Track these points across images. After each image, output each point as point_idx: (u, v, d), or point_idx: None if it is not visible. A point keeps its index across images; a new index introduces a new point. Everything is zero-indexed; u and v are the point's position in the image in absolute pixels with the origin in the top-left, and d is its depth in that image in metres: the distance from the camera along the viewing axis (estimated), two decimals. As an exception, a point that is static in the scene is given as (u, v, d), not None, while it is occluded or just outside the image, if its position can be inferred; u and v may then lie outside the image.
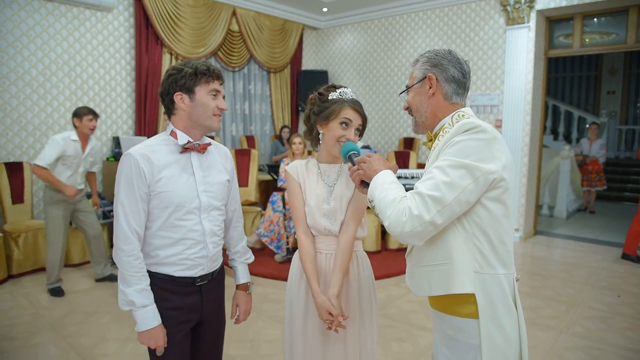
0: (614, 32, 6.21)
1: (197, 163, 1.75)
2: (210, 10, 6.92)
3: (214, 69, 1.70)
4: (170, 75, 1.69)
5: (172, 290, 1.71)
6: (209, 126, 1.72)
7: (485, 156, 1.26)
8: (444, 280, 1.34)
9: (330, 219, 1.87)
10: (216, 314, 1.90)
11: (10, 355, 3.14)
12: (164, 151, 1.69)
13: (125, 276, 1.62)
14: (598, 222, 7.77)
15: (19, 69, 5.20)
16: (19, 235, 4.72)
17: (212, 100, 1.69)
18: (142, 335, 1.64)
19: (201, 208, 1.72)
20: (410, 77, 1.54)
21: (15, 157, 5.24)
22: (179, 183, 1.68)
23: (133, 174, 1.61)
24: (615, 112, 12.00)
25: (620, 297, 4.32)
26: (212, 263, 1.80)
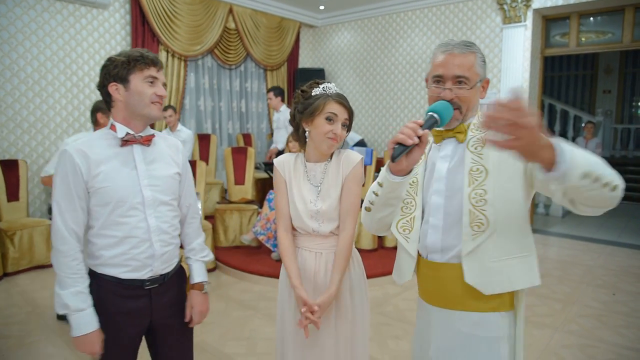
0: (609, 31, 6.23)
1: (141, 156, 1.66)
2: (206, 8, 6.90)
3: (148, 55, 1.62)
4: (103, 66, 1.62)
5: (118, 293, 1.64)
6: (147, 115, 1.64)
7: None
8: (529, 271, 1.34)
9: (318, 220, 1.84)
10: (174, 318, 1.80)
11: (6, 354, 3.13)
12: (102, 145, 1.62)
13: (61, 278, 1.56)
14: (594, 220, 7.79)
15: (13, 66, 5.17)
16: (14, 233, 4.70)
17: (148, 88, 1.61)
18: (76, 340, 1.56)
19: (145, 203, 1.64)
20: (467, 68, 1.38)
21: (11, 155, 5.21)
22: (119, 178, 1.60)
23: (68, 170, 1.55)
24: (611, 111, 12.04)
25: (615, 295, 4.34)
26: (163, 264, 1.70)
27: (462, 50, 1.39)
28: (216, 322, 3.61)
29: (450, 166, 1.43)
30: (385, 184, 1.35)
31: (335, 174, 1.84)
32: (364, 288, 1.94)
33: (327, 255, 1.86)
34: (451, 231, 1.40)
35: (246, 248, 5.20)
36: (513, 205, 1.34)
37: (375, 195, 1.42)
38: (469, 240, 1.36)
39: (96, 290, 1.64)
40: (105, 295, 1.63)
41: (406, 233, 1.49)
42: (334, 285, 1.79)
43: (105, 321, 1.63)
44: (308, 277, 1.86)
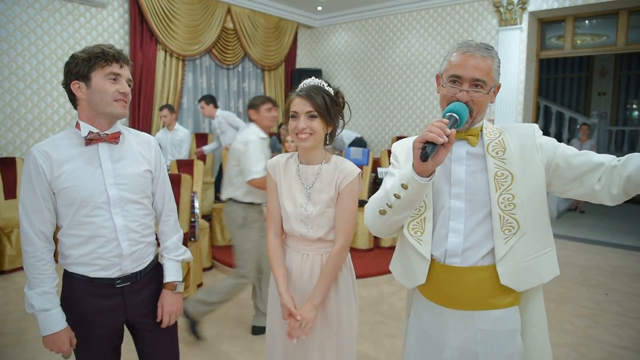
0: (604, 34, 6.29)
1: (107, 155, 1.63)
2: (205, 8, 6.92)
3: (109, 51, 1.57)
4: (66, 64, 1.60)
5: (90, 292, 1.63)
6: (110, 113, 1.60)
7: None
8: (553, 264, 1.47)
9: (307, 225, 1.82)
10: (152, 317, 1.78)
11: (3, 351, 3.14)
12: (66, 145, 1.59)
13: (29, 278, 1.57)
14: (588, 221, 7.86)
15: (12, 64, 5.18)
16: (12, 231, 4.71)
17: (110, 85, 1.57)
18: (45, 340, 1.57)
19: (110, 202, 1.61)
20: (486, 72, 1.39)
21: (8, 153, 5.22)
22: (83, 177, 1.57)
23: (32, 172, 1.54)
24: (606, 113, 12.12)
25: (608, 295, 4.39)
26: (133, 263, 1.67)
27: (482, 53, 1.39)
28: (213, 320, 3.63)
29: (468, 170, 1.44)
30: (411, 185, 1.32)
31: (329, 180, 1.80)
32: (352, 293, 1.91)
33: (314, 257, 1.85)
34: (473, 235, 1.41)
35: (243, 247, 5.21)
36: (539, 207, 1.43)
37: (396, 198, 1.37)
38: (502, 244, 1.38)
39: (69, 288, 1.65)
40: (78, 293, 1.63)
41: (418, 235, 1.46)
42: (317, 299, 1.76)
43: (78, 319, 1.63)
44: (293, 276, 1.86)
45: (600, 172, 1.35)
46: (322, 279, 1.79)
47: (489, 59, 1.39)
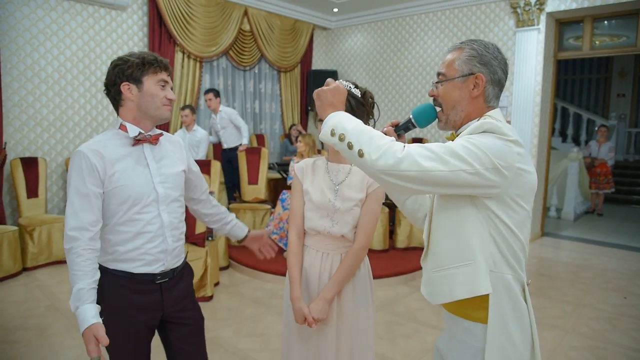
0: (624, 34, 6.21)
1: (151, 155, 1.72)
2: (222, 10, 7.00)
3: (162, 60, 1.68)
4: (116, 65, 1.65)
5: (131, 288, 1.68)
6: (159, 116, 1.70)
7: (505, 159, 1.21)
8: (469, 281, 1.28)
9: (333, 220, 1.84)
10: (183, 311, 1.85)
11: (26, 345, 3.22)
12: (115, 145, 1.66)
13: (70, 274, 1.58)
14: (606, 224, 7.76)
15: (35, 66, 5.30)
16: (34, 229, 4.82)
17: (160, 91, 1.67)
18: (83, 335, 1.54)
19: (159, 200, 1.70)
20: (447, 65, 1.37)
21: (31, 153, 5.34)
22: (134, 176, 1.65)
23: (84, 170, 1.58)
24: (625, 114, 11.95)
25: (627, 299, 4.34)
26: (173, 259, 1.76)
27: (451, 49, 1.40)
28: (230, 319, 3.68)
29: None
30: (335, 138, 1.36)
31: (359, 179, 1.84)
32: (369, 292, 1.93)
33: (334, 256, 1.88)
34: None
35: (259, 247, 5.26)
36: (453, 216, 1.32)
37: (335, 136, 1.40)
38: (424, 251, 1.44)
39: (108, 286, 1.67)
40: (118, 290, 1.67)
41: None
42: (330, 294, 1.80)
43: (118, 316, 1.66)
44: (313, 275, 1.89)
45: None
46: (337, 274, 1.82)
47: (456, 52, 1.37)
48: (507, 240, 1.28)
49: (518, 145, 1.25)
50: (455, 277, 1.30)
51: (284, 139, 8.01)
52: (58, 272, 4.74)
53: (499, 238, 1.28)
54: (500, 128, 1.24)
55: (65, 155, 5.62)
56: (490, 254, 1.28)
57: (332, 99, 1.34)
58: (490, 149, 1.20)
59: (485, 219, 1.27)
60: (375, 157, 1.17)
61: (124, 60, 1.65)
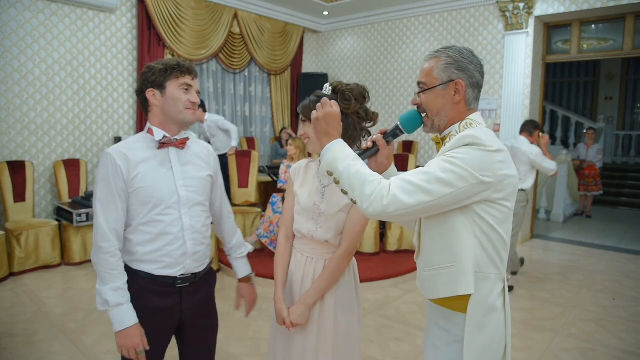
0: (611, 38, 6.29)
1: (176, 158, 1.75)
2: (212, 13, 6.98)
3: (184, 64, 1.72)
4: (143, 73, 1.73)
5: (151, 290, 1.71)
6: (182, 120, 1.73)
7: (487, 170, 1.27)
8: (451, 282, 1.36)
9: (317, 224, 1.82)
10: (201, 317, 1.87)
11: (13, 352, 3.17)
12: (141, 147, 1.71)
13: (101, 274, 1.62)
14: (594, 226, 7.83)
15: (22, 68, 5.25)
16: (21, 234, 4.76)
17: (183, 94, 1.70)
18: (118, 335, 1.62)
19: (181, 203, 1.72)
20: (426, 74, 1.42)
21: (18, 156, 5.27)
22: (157, 178, 1.69)
23: (110, 171, 1.63)
24: (613, 117, 12.09)
25: (615, 300, 4.38)
26: (194, 263, 1.78)
27: (428, 57, 1.45)
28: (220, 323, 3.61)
29: None
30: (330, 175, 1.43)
31: (320, 173, 1.84)
32: (354, 294, 1.91)
33: (317, 261, 1.85)
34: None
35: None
36: (438, 221, 1.37)
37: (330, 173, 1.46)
38: (417, 250, 1.52)
39: (132, 286, 1.69)
40: (139, 290, 1.69)
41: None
42: (310, 299, 1.79)
43: (139, 316, 1.67)
44: (297, 279, 1.88)
45: None
46: (319, 281, 1.81)
47: (433, 60, 1.42)
48: (491, 240, 1.35)
49: (499, 153, 1.30)
50: (440, 277, 1.38)
51: (275, 142, 7.99)
52: (45, 277, 4.68)
53: (484, 239, 1.34)
54: (481, 140, 1.28)
55: (53, 159, 5.55)
56: (475, 256, 1.34)
57: (325, 127, 1.39)
58: (472, 163, 1.26)
59: (470, 222, 1.34)
60: (366, 206, 1.27)
61: (149, 68, 1.72)
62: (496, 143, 1.31)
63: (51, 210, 5.54)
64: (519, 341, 3.49)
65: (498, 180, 1.29)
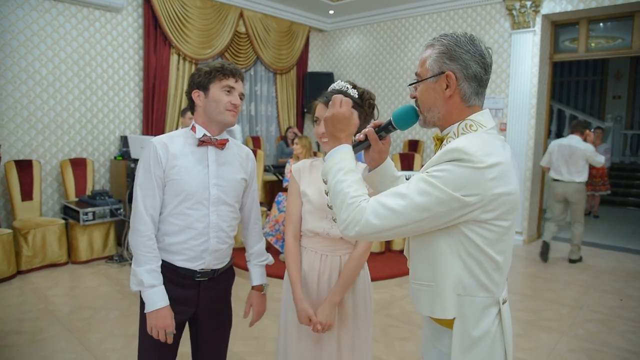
0: (619, 36, 6.23)
1: (214, 157, 1.80)
2: (217, 12, 6.99)
3: (228, 67, 1.77)
4: (191, 75, 1.81)
5: (171, 279, 1.75)
6: (221, 120, 1.78)
7: (472, 190, 1.13)
8: (429, 301, 1.26)
9: (332, 222, 1.84)
10: (216, 312, 1.92)
11: (20, 349, 3.20)
12: (182, 142, 1.77)
13: (137, 256, 1.69)
14: (602, 226, 7.78)
15: (29, 68, 5.28)
16: (28, 232, 4.79)
17: (225, 96, 1.75)
18: (150, 315, 1.68)
19: (210, 200, 1.77)
20: (421, 63, 1.29)
21: (25, 155, 5.31)
22: (192, 173, 1.74)
23: (151, 159, 1.71)
24: (621, 116, 11.99)
25: (623, 301, 4.34)
26: (215, 260, 1.82)
27: (425, 46, 1.31)
28: (225, 322, 3.66)
29: None
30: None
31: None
32: (367, 292, 1.95)
33: (332, 258, 1.88)
34: None
35: (255, 249, 5.25)
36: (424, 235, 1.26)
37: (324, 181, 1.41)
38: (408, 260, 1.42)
39: None
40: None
41: None
42: (337, 297, 1.82)
43: None
44: (312, 278, 1.88)
45: None
46: (342, 279, 1.83)
47: (429, 49, 1.28)
48: (479, 261, 1.21)
49: (492, 169, 1.13)
50: (422, 294, 1.29)
51: (280, 141, 8.00)
52: (52, 275, 4.72)
53: (469, 260, 1.21)
54: (469, 155, 1.12)
55: (59, 158, 5.59)
56: (459, 278, 1.21)
57: (332, 128, 1.31)
58: (454, 183, 1.12)
59: (454, 243, 1.21)
60: (342, 228, 1.21)
61: (197, 70, 1.79)
62: (491, 157, 1.14)
63: (58, 209, 5.57)
64: (525, 341, 3.47)
65: (488, 200, 1.14)
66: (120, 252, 5.26)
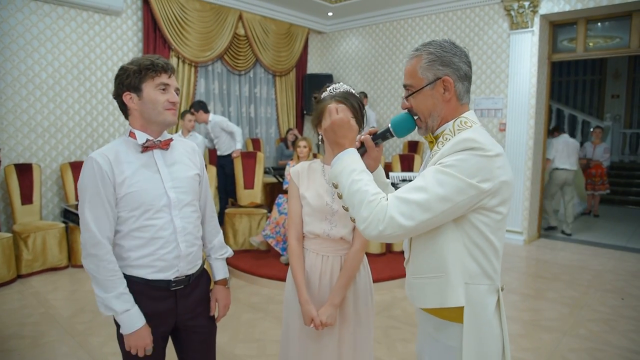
0: (617, 36, 6.24)
1: (162, 160, 1.70)
2: (216, 15, 6.99)
3: (159, 62, 1.63)
4: (117, 76, 1.65)
5: (146, 294, 1.67)
6: (162, 121, 1.67)
7: (485, 175, 1.21)
8: (439, 293, 1.31)
9: (332, 223, 1.86)
10: (197, 319, 1.84)
11: (21, 353, 3.19)
12: (125, 152, 1.65)
13: (100, 282, 1.58)
14: (602, 225, 7.78)
15: (29, 71, 5.28)
16: (28, 236, 4.78)
17: (161, 95, 1.63)
18: (128, 337, 1.61)
19: (171, 205, 1.68)
20: (411, 75, 1.35)
21: (25, 159, 5.30)
22: (144, 182, 1.63)
23: (97, 177, 1.58)
24: (620, 115, 12.00)
25: (624, 300, 4.34)
26: (188, 265, 1.74)
27: (409, 57, 1.37)
28: (227, 325, 3.65)
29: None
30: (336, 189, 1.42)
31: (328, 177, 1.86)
32: (369, 293, 1.96)
33: (334, 258, 1.89)
34: None
35: (255, 252, 5.25)
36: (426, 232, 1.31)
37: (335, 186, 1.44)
38: (407, 255, 1.47)
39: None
40: (133, 296, 1.66)
41: None
42: (337, 299, 1.83)
43: None
44: (314, 278, 1.89)
45: None
46: (341, 278, 1.85)
47: (414, 59, 1.35)
48: (483, 250, 1.28)
49: (499, 158, 1.23)
50: (428, 287, 1.33)
51: (280, 143, 8.00)
52: (53, 279, 4.71)
53: (474, 249, 1.28)
54: (480, 144, 1.22)
55: (59, 161, 5.58)
56: (465, 267, 1.29)
57: (333, 136, 1.35)
58: (470, 171, 1.20)
59: (460, 232, 1.28)
60: (362, 228, 1.22)
61: (123, 70, 1.64)
62: (495, 147, 1.25)
63: (58, 213, 5.57)
64: (526, 341, 3.47)
65: (497, 186, 1.23)
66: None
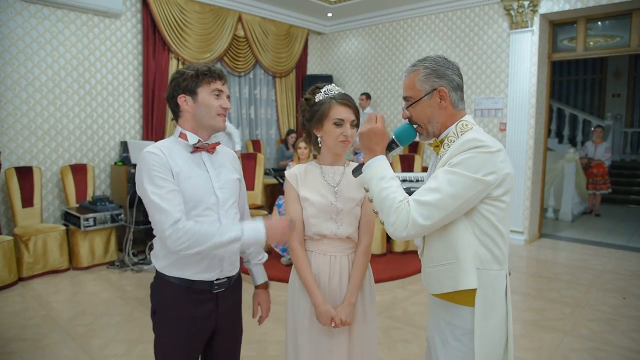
0: (617, 35, 6.24)
1: (209, 162, 1.76)
2: (216, 16, 7.00)
3: (215, 69, 1.71)
4: (173, 79, 1.72)
5: (187, 298, 1.70)
6: (213, 126, 1.73)
7: (490, 169, 1.37)
8: (453, 277, 1.45)
9: (337, 222, 1.85)
10: (232, 323, 1.87)
11: (23, 356, 3.19)
12: (177, 150, 1.70)
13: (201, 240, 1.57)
14: (603, 225, 7.76)
15: (29, 75, 5.29)
16: (29, 239, 4.79)
17: (215, 100, 1.70)
18: (268, 237, 1.65)
19: (219, 204, 1.72)
20: (409, 88, 1.53)
21: (25, 162, 5.31)
22: (196, 179, 1.68)
23: (157, 165, 1.60)
24: (621, 114, 11.98)
25: (626, 300, 4.33)
26: (230, 266, 1.78)
27: (407, 72, 1.55)
28: (227, 326, 3.65)
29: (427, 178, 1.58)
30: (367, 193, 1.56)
31: (354, 180, 1.85)
32: (372, 292, 1.99)
33: (341, 258, 1.88)
34: None
35: (256, 253, 5.24)
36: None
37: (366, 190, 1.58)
38: (420, 248, 1.61)
39: (165, 295, 1.70)
40: (175, 301, 1.69)
41: None
42: (354, 297, 1.85)
43: (174, 326, 1.69)
44: (323, 279, 1.88)
45: None
46: (356, 276, 1.87)
47: (412, 73, 1.53)
48: (491, 237, 1.45)
49: (500, 152, 1.40)
50: (444, 273, 1.48)
51: (280, 145, 8.00)
52: (54, 282, 4.71)
53: (484, 237, 1.44)
54: (483, 142, 1.39)
55: (60, 164, 5.59)
56: (477, 254, 1.44)
57: (368, 142, 1.50)
58: (474, 166, 1.37)
59: (470, 222, 1.44)
60: (391, 231, 1.41)
61: (180, 73, 1.71)
62: (496, 143, 1.41)
63: (59, 215, 5.57)
64: (528, 341, 3.46)
65: (501, 178, 1.40)
66: (121, 258, 5.25)
